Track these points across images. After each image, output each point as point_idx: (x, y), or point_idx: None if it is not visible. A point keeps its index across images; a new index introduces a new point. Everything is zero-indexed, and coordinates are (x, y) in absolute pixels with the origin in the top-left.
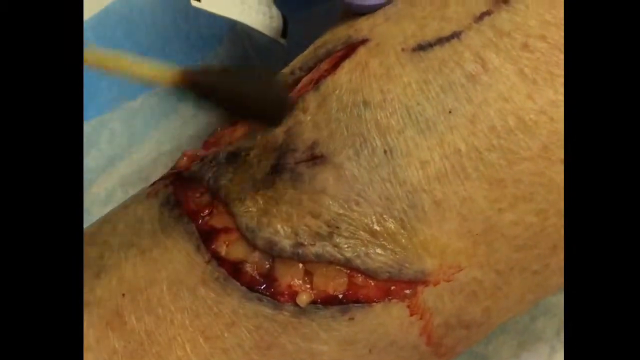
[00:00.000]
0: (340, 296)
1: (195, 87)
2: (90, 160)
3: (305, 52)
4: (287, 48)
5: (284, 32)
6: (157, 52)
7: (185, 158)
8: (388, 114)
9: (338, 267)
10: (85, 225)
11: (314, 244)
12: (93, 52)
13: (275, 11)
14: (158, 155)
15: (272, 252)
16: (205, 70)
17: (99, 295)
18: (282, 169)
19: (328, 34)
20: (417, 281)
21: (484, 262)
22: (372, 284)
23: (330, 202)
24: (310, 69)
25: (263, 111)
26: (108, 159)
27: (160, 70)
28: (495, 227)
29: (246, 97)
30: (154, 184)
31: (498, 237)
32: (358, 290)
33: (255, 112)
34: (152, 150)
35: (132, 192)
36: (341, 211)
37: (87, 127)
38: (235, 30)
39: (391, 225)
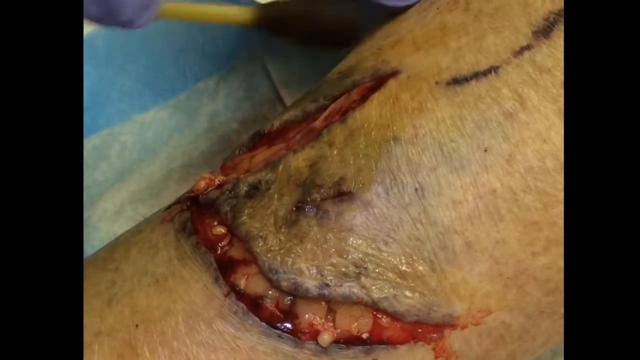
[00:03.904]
0: (364, 337)
1: (270, 22)
2: (99, 174)
3: (328, 78)
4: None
5: None
6: (171, 63)
7: (202, 182)
8: (420, 151)
9: (363, 307)
10: (91, 241)
11: (341, 285)
12: (168, 4)
13: None
14: (169, 171)
15: (296, 294)
16: (277, 5)
17: (111, 325)
18: (307, 205)
19: (352, 58)
20: (444, 325)
21: (514, 306)
22: (398, 325)
23: (358, 242)
24: (335, 98)
25: (335, 35)
26: (118, 173)
27: (236, 9)
28: (527, 270)
29: (319, 23)
30: (169, 207)
31: (530, 281)
32: (383, 331)
33: (329, 38)
34: (163, 166)
35: (141, 208)
36: (369, 251)
37: (97, 139)
38: (251, 43)
39: (420, 267)
